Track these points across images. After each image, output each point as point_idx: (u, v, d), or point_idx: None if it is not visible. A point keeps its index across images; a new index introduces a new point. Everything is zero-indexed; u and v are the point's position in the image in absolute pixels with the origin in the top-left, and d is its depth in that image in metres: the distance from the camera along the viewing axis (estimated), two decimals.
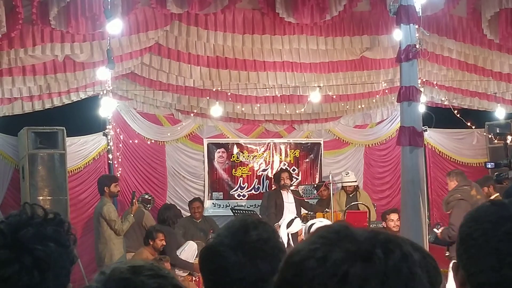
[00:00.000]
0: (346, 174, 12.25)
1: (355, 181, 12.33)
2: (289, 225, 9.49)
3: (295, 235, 9.21)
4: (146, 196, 11.59)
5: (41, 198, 10.57)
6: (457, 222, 8.56)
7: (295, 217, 9.88)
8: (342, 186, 12.26)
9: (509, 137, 8.84)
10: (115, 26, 8.13)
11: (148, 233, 9.51)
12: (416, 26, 6.75)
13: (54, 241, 1.67)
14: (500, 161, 9.14)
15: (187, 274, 9.75)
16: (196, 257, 9.80)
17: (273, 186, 12.68)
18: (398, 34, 6.96)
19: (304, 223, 9.64)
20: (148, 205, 11.38)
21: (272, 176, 12.72)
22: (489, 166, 9.45)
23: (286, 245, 9.38)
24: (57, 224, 1.71)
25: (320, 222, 9.69)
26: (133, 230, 10.15)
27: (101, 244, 9.82)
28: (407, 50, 6.37)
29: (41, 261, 1.63)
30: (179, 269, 9.68)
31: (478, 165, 13.43)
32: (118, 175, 11.19)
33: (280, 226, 9.58)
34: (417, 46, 6.56)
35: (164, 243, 9.41)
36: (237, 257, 2.27)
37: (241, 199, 13.25)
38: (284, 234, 9.56)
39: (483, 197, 8.50)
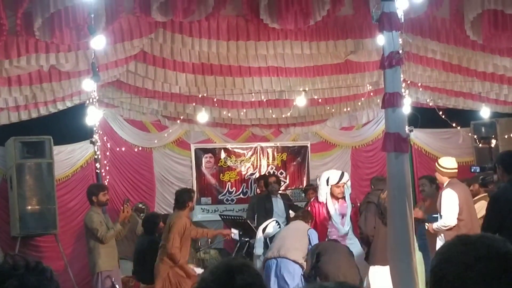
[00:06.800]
0: None
1: None
2: (264, 230, 9.61)
3: (272, 239, 9.34)
4: (140, 205, 11.66)
5: (29, 207, 10.55)
6: (363, 225, 8.72)
7: (272, 220, 9.99)
8: None
9: (493, 141, 8.87)
10: (99, 42, 8.14)
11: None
12: (399, 32, 6.78)
13: None
14: (485, 164, 9.18)
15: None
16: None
17: (257, 190, 12.73)
18: (381, 40, 6.99)
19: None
20: (142, 214, 11.38)
21: (262, 180, 12.62)
22: (474, 170, 9.50)
23: (262, 248, 9.57)
24: (39, 272, 1.71)
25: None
26: (125, 238, 10.02)
27: (88, 253, 9.65)
28: (390, 57, 6.38)
29: None
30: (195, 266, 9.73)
31: (464, 164, 13.48)
32: (106, 183, 11.13)
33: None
34: (400, 53, 6.59)
35: None
36: None
37: (229, 203, 13.26)
38: (260, 239, 9.69)
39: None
